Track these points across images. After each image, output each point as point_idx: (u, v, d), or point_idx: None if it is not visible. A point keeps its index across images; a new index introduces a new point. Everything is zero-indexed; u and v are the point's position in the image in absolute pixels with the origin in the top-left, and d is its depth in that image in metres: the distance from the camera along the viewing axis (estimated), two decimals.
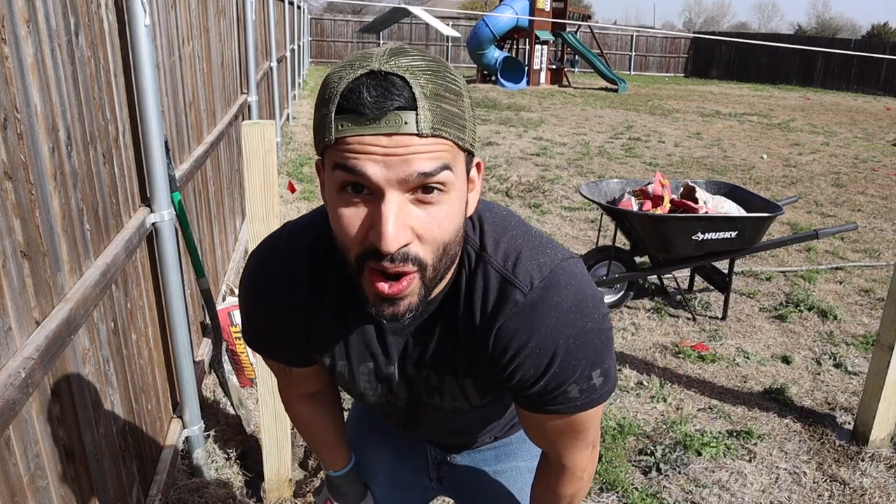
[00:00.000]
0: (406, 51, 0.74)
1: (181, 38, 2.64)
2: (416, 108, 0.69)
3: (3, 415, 1.05)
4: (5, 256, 1.14)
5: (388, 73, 0.70)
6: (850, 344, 3.53)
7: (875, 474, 2.48)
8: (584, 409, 0.91)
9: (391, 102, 0.69)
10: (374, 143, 0.70)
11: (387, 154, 0.70)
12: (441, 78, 0.72)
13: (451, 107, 0.73)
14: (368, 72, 0.70)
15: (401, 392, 1.02)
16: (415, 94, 0.70)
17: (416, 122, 0.69)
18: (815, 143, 10.12)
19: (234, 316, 2.84)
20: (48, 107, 1.34)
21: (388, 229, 0.71)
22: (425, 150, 0.71)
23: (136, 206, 1.97)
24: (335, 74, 0.73)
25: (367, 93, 0.69)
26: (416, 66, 0.71)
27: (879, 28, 42.29)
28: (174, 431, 2.25)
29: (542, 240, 0.92)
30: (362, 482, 1.30)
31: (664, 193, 3.70)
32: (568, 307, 0.85)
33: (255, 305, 0.97)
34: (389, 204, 0.71)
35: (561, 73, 18.57)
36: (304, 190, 6.14)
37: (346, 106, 0.70)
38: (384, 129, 0.69)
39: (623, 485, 2.36)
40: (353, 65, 0.72)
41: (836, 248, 5.10)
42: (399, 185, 0.71)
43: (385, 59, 0.71)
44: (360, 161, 0.70)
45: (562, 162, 7.91)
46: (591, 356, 0.88)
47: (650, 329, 3.64)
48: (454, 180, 0.74)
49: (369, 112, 0.69)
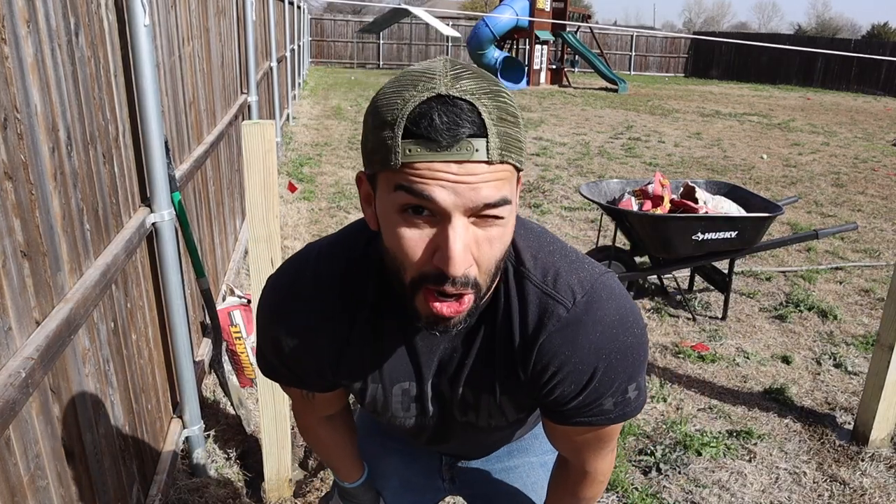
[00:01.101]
0: (464, 70, 0.72)
1: (181, 38, 2.64)
2: (487, 136, 0.69)
3: (3, 415, 1.05)
4: (5, 256, 1.14)
5: (456, 98, 0.68)
6: (850, 344, 3.53)
7: (875, 474, 2.48)
8: (615, 422, 0.91)
9: (463, 129, 0.68)
10: (445, 170, 0.69)
11: (456, 181, 0.69)
12: (502, 100, 0.71)
13: (513, 130, 0.72)
14: (436, 95, 0.68)
15: (434, 410, 1.00)
16: (484, 120, 0.68)
17: (487, 149, 0.69)
18: (815, 143, 10.12)
19: (234, 316, 2.84)
20: (48, 107, 1.34)
21: (457, 255, 0.71)
22: (492, 178, 0.70)
23: (136, 206, 1.97)
24: (396, 95, 0.71)
25: (438, 118, 0.67)
26: (481, 89, 0.70)
27: (879, 28, 42.29)
28: (174, 431, 2.25)
29: (577, 255, 0.91)
30: (374, 490, 1.30)
31: (664, 193, 3.70)
32: (611, 321, 0.85)
33: (281, 331, 0.93)
34: (457, 229, 0.71)
35: (561, 73, 18.57)
36: (303, 190, 6.14)
37: (415, 131, 0.68)
38: (455, 156, 0.68)
39: (623, 485, 2.36)
40: (415, 85, 0.70)
41: (836, 248, 5.10)
42: (465, 211, 0.71)
43: (450, 82, 0.69)
44: (430, 187, 0.69)
45: (562, 162, 7.91)
46: (630, 370, 0.87)
47: (650, 329, 3.64)
48: (511, 208, 0.75)
49: (442, 139, 0.67)
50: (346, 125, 10.03)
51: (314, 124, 9.94)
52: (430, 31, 23.09)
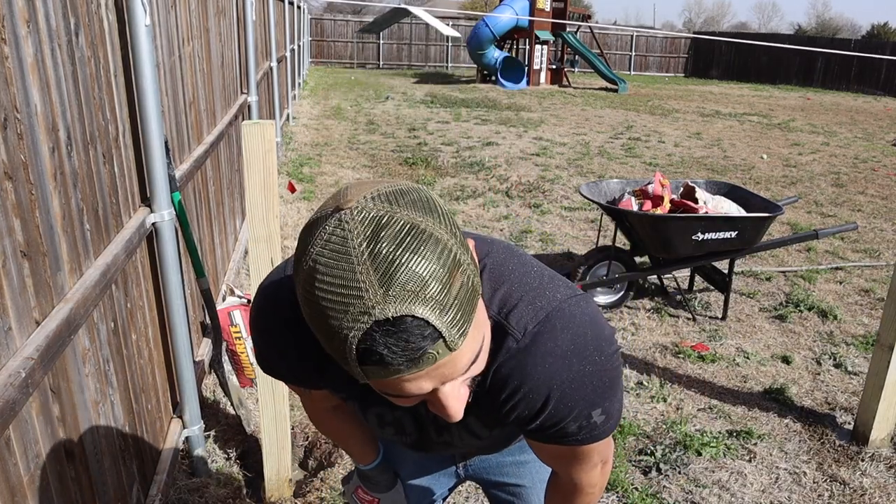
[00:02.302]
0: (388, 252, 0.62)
1: (181, 38, 2.64)
2: (443, 336, 0.64)
3: (3, 415, 1.05)
4: (5, 256, 1.14)
5: (397, 319, 0.62)
6: (850, 344, 3.53)
7: (875, 474, 2.48)
8: (584, 443, 0.91)
9: (420, 351, 0.63)
10: (415, 377, 0.67)
11: (430, 377, 0.68)
12: (437, 267, 0.63)
13: (460, 287, 0.65)
14: (374, 323, 0.62)
15: (410, 429, 1.04)
16: (434, 325, 0.63)
17: (448, 346, 0.65)
18: (815, 143, 10.12)
19: (234, 316, 2.84)
20: (48, 107, 1.34)
21: (453, 411, 0.74)
22: (464, 351, 0.69)
23: (136, 206, 1.97)
24: (332, 320, 0.63)
25: (387, 351, 0.63)
26: (417, 281, 0.62)
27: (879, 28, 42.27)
28: (174, 431, 2.25)
29: (542, 280, 0.89)
30: (392, 470, 1.33)
31: (664, 193, 3.70)
32: (563, 352, 0.84)
33: (267, 343, 0.96)
34: (446, 393, 0.72)
35: (561, 73, 18.56)
36: (304, 190, 6.14)
37: (370, 362, 0.64)
38: (421, 368, 0.66)
39: (623, 485, 2.36)
40: (345, 308, 0.62)
41: (836, 248, 5.10)
42: (446, 382, 0.71)
43: (382, 295, 0.61)
44: (404, 391, 0.69)
45: (562, 162, 7.91)
46: (590, 398, 0.87)
47: (650, 329, 3.64)
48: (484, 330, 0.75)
49: (401, 366, 0.64)
50: (346, 125, 10.03)
51: (314, 124, 9.94)
52: (430, 31, 23.09)
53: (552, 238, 5.11)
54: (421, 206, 0.67)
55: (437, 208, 0.68)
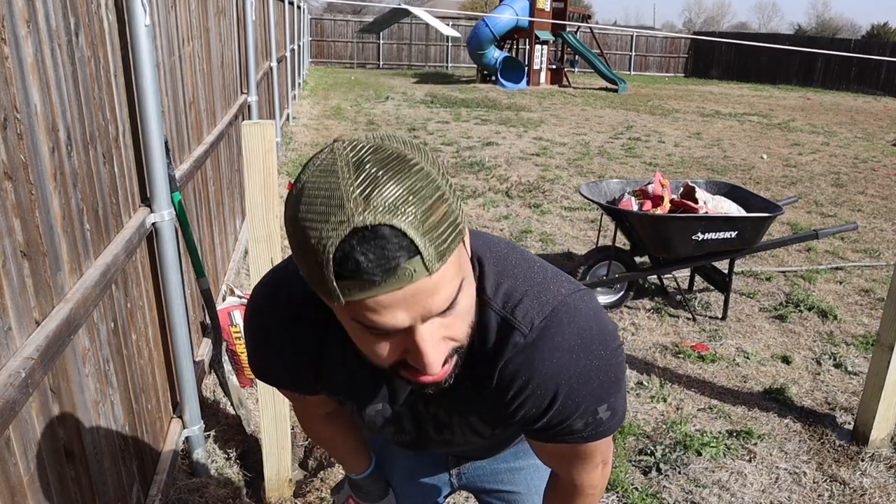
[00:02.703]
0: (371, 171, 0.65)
1: (181, 38, 2.64)
2: (420, 252, 0.64)
3: (3, 415, 1.05)
4: (5, 256, 1.14)
5: (375, 227, 0.63)
6: (850, 344, 3.53)
7: (875, 474, 2.48)
8: (590, 440, 0.91)
9: (394, 260, 0.63)
10: (391, 299, 0.66)
11: (407, 303, 0.67)
12: (420, 189, 0.65)
13: (442, 218, 0.66)
14: (351, 230, 0.63)
15: (408, 428, 1.03)
16: (411, 237, 0.64)
17: (425, 264, 0.65)
18: (815, 143, 10.12)
19: (234, 316, 2.84)
20: (48, 107, 1.34)
21: (431, 360, 0.71)
22: (441, 282, 0.68)
23: (136, 206, 1.97)
24: (311, 230, 0.65)
25: (364, 258, 0.63)
26: (397, 199, 0.64)
27: (879, 28, 42.27)
28: (174, 431, 2.25)
29: (545, 275, 0.89)
30: (384, 480, 1.32)
31: (664, 193, 3.70)
32: (570, 346, 0.84)
33: (262, 345, 0.96)
34: (424, 336, 0.70)
35: (561, 73, 18.56)
36: None
37: (346, 274, 0.64)
38: (395, 284, 0.65)
39: (623, 485, 2.36)
40: (326, 218, 0.64)
41: (836, 248, 5.10)
42: (424, 318, 0.69)
43: (362, 206, 0.63)
44: (383, 317, 0.67)
45: (562, 162, 7.91)
46: (597, 393, 0.86)
47: (650, 329, 3.64)
48: (465, 277, 0.73)
49: (375, 277, 0.64)
50: (346, 125, 10.03)
51: (314, 124, 9.94)
52: (430, 31, 23.09)
53: (552, 238, 5.11)
54: (411, 146, 0.71)
55: (427, 152, 0.72)
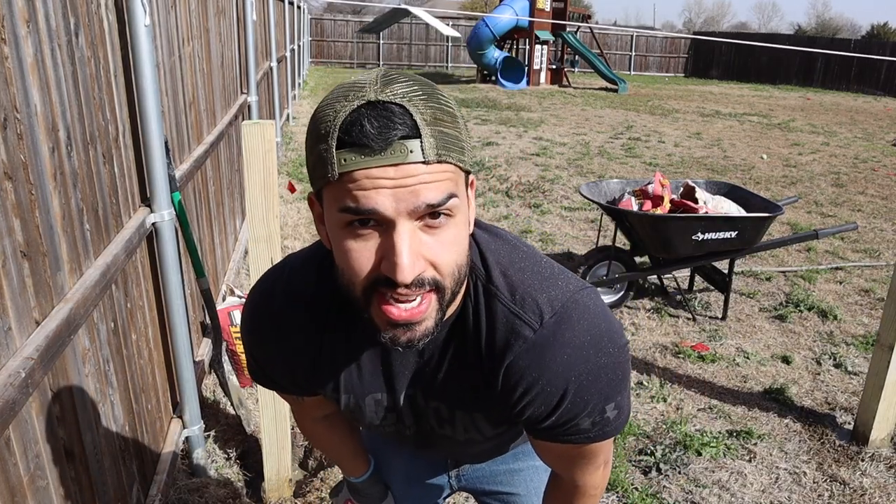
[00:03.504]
0: (396, 76, 0.72)
1: (181, 38, 2.64)
2: (420, 136, 0.68)
3: (3, 415, 1.05)
4: (5, 256, 1.14)
5: (386, 103, 0.68)
6: (850, 344, 3.53)
7: (875, 474, 2.48)
8: (595, 440, 0.90)
9: (395, 132, 0.67)
10: (382, 176, 0.68)
11: (395, 186, 0.68)
12: (437, 102, 0.71)
13: (450, 130, 0.71)
14: (366, 102, 0.68)
15: (409, 422, 1.01)
16: (416, 121, 0.68)
17: (422, 149, 0.68)
18: (815, 143, 10.12)
19: (234, 316, 2.84)
20: (48, 107, 1.34)
21: (404, 260, 0.69)
22: (432, 179, 0.69)
23: (136, 206, 1.97)
24: (328, 108, 0.71)
25: (368, 124, 0.67)
26: (412, 92, 0.70)
27: (879, 28, 42.26)
28: (174, 431, 2.25)
29: (553, 270, 0.88)
30: (383, 483, 1.32)
31: (664, 193, 3.70)
32: (580, 343, 0.83)
33: (259, 342, 0.96)
34: (401, 234, 0.70)
35: (561, 73, 18.56)
36: (303, 190, 6.14)
37: (348, 140, 0.68)
38: (390, 159, 0.67)
39: (623, 485, 2.36)
40: (346, 96, 0.70)
41: (836, 248, 5.10)
42: (409, 214, 0.70)
43: (379, 88, 0.69)
44: (370, 196, 0.68)
45: (562, 162, 7.91)
46: (605, 391, 0.85)
47: (650, 329, 3.64)
48: (459, 204, 0.74)
49: (374, 143, 0.67)
50: None
51: None
52: (430, 31, 23.08)
53: (552, 238, 5.11)
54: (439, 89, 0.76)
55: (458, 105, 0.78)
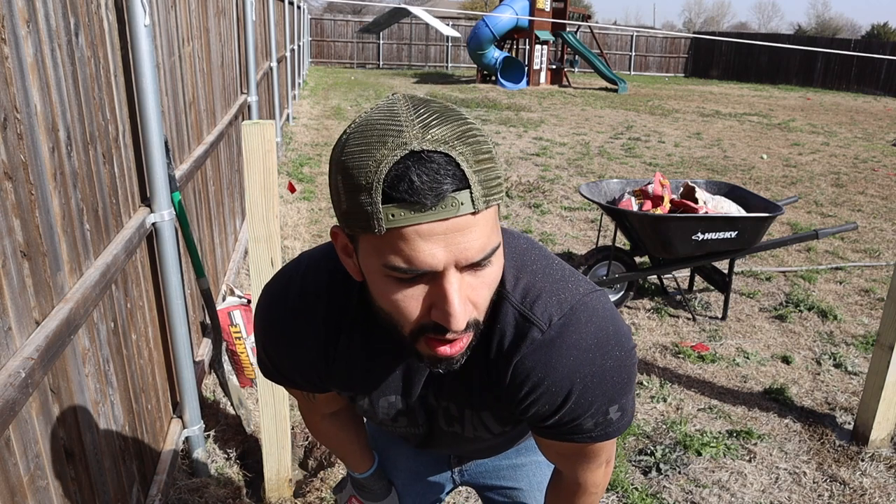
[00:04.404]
0: (431, 116, 0.68)
1: (181, 38, 2.64)
2: (469, 186, 0.66)
3: (3, 415, 1.05)
4: (5, 256, 1.14)
5: (431, 153, 0.65)
6: (850, 344, 3.53)
7: (875, 474, 2.48)
8: (598, 440, 0.91)
9: (446, 186, 0.65)
10: (432, 232, 0.66)
11: (446, 242, 0.67)
12: (475, 140, 0.69)
13: (491, 169, 0.69)
14: (409, 153, 0.65)
15: (420, 421, 1.02)
16: (464, 171, 0.66)
17: (472, 199, 0.66)
18: (815, 143, 10.12)
19: (234, 316, 2.84)
20: (48, 107, 1.34)
21: (456, 310, 0.70)
22: (479, 228, 0.69)
23: (136, 206, 1.97)
24: (366, 155, 0.66)
25: (418, 178, 0.64)
26: (453, 135, 0.67)
27: (879, 28, 42.27)
28: (174, 431, 2.25)
29: (563, 273, 0.89)
30: (386, 479, 1.33)
31: (664, 193, 3.70)
32: (587, 345, 0.84)
33: (272, 340, 0.96)
34: (452, 284, 0.70)
35: (561, 73, 18.56)
36: (303, 190, 6.14)
37: (396, 196, 0.65)
38: (441, 214, 0.65)
39: (623, 485, 2.36)
40: (384, 142, 0.66)
41: (836, 248, 5.10)
42: (457, 265, 0.70)
43: (420, 135, 0.66)
44: (421, 253, 0.67)
45: (562, 162, 7.91)
46: (610, 393, 0.86)
47: (650, 329, 3.64)
48: (500, 243, 0.74)
49: (426, 200, 0.64)
50: (346, 125, 10.02)
51: (314, 124, 9.94)
52: (430, 31, 23.09)
53: (552, 238, 5.11)
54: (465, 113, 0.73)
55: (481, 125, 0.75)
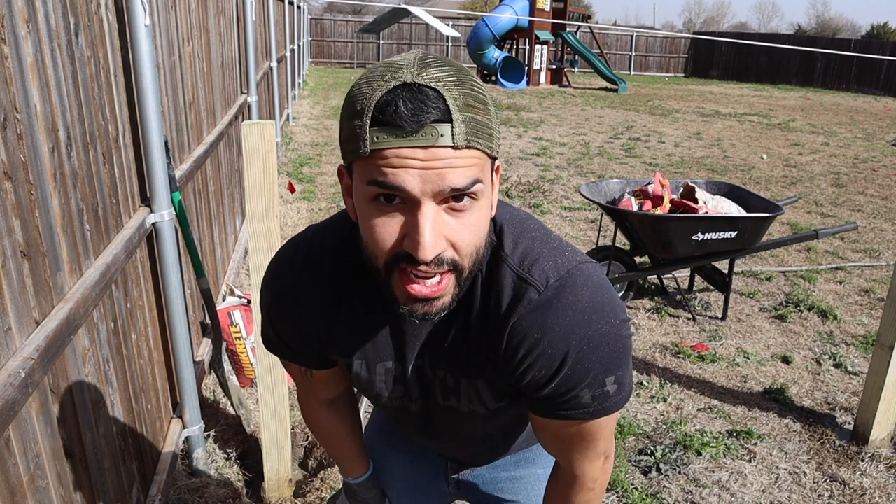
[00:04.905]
0: (433, 60, 0.74)
1: (181, 38, 2.64)
2: (452, 121, 0.71)
3: (3, 415, 1.05)
4: (5, 256, 1.14)
5: (421, 86, 0.71)
6: (850, 344, 3.53)
7: (875, 474, 2.48)
8: (596, 416, 0.90)
9: (428, 115, 0.70)
10: (411, 156, 0.71)
11: (423, 167, 0.71)
12: (470, 88, 0.74)
13: (481, 117, 0.74)
14: (402, 84, 0.71)
15: (415, 394, 1.02)
16: (449, 106, 0.71)
17: (452, 134, 0.71)
18: (815, 143, 10.12)
19: (234, 316, 2.84)
20: (48, 107, 1.34)
21: (426, 239, 0.73)
22: (459, 164, 0.72)
23: (136, 206, 1.97)
24: (365, 86, 0.73)
25: (403, 105, 0.70)
26: (448, 77, 0.72)
27: (879, 28, 42.28)
28: (174, 431, 2.25)
29: (560, 243, 0.92)
30: (380, 489, 1.31)
31: (664, 193, 3.70)
32: (583, 307, 0.85)
33: (277, 303, 0.99)
34: (425, 214, 0.73)
35: (561, 73, 18.56)
36: (303, 190, 6.14)
37: (382, 118, 0.71)
38: (421, 141, 0.70)
39: (623, 485, 2.36)
40: (383, 76, 0.73)
41: (836, 248, 5.10)
42: (434, 196, 0.73)
43: (416, 71, 0.72)
44: (398, 174, 0.71)
45: (562, 162, 7.91)
46: (606, 361, 0.86)
47: (650, 329, 3.64)
48: (484, 189, 0.76)
49: (407, 125, 0.70)
50: None
51: (314, 124, 9.94)
52: (430, 31, 23.08)
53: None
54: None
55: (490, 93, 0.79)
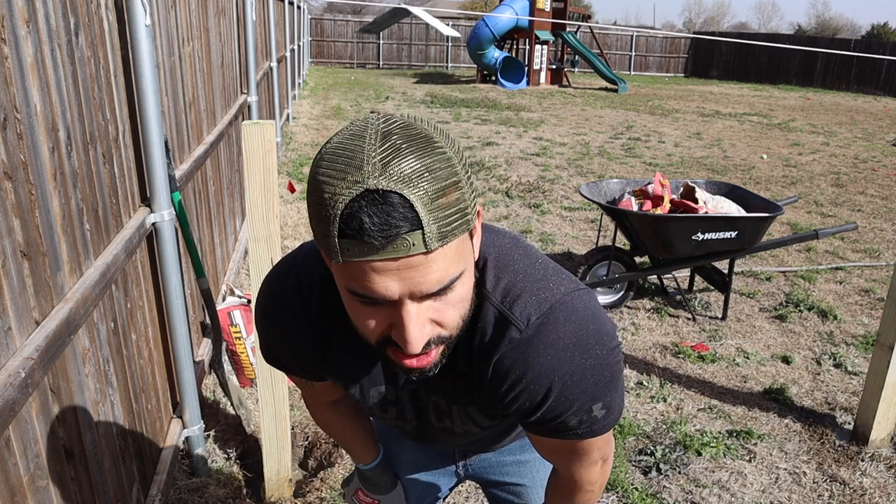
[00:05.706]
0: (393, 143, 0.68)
1: (181, 38, 2.64)
2: (422, 227, 0.66)
3: (3, 415, 1.05)
4: (5, 256, 1.14)
5: (386, 192, 0.65)
6: (850, 344, 3.53)
7: (875, 474, 2.48)
8: (584, 437, 0.91)
9: (397, 229, 0.65)
10: (385, 268, 0.68)
11: (400, 277, 0.69)
12: (438, 172, 0.67)
13: (452, 202, 0.69)
14: (364, 191, 0.65)
15: (410, 415, 1.04)
16: (418, 212, 0.66)
17: (424, 241, 0.67)
18: (815, 143, 10.12)
19: (234, 316, 2.84)
20: (48, 107, 1.34)
21: (412, 337, 0.72)
22: (434, 266, 0.69)
23: (136, 206, 1.97)
24: (328, 187, 0.67)
25: (368, 220, 0.65)
26: (413, 169, 0.66)
27: (879, 28, 42.27)
28: (174, 431, 2.25)
29: (546, 272, 0.90)
30: (392, 472, 1.34)
31: (664, 193, 3.70)
32: (565, 345, 0.84)
33: (270, 328, 0.99)
34: (409, 312, 0.71)
35: (561, 73, 18.56)
36: (303, 190, 6.14)
37: (349, 232, 0.66)
38: (392, 254, 0.67)
39: (623, 485, 2.36)
40: (343, 176, 0.66)
41: (836, 248, 5.10)
42: (413, 296, 0.71)
43: (379, 171, 0.65)
44: (375, 284, 0.69)
45: (562, 162, 7.91)
46: (591, 391, 0.87)
47: (650, 329, 3.64)
48: (464, 270, 0.74)
49: (375, 241, 0.66)
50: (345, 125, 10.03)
51: (314, 124, 9.94)
52: (430, 31, 23.08)
53: (552, 238, 5.11)
54: (441, 132, 0.73)
55: (455, 142, 0.74)
